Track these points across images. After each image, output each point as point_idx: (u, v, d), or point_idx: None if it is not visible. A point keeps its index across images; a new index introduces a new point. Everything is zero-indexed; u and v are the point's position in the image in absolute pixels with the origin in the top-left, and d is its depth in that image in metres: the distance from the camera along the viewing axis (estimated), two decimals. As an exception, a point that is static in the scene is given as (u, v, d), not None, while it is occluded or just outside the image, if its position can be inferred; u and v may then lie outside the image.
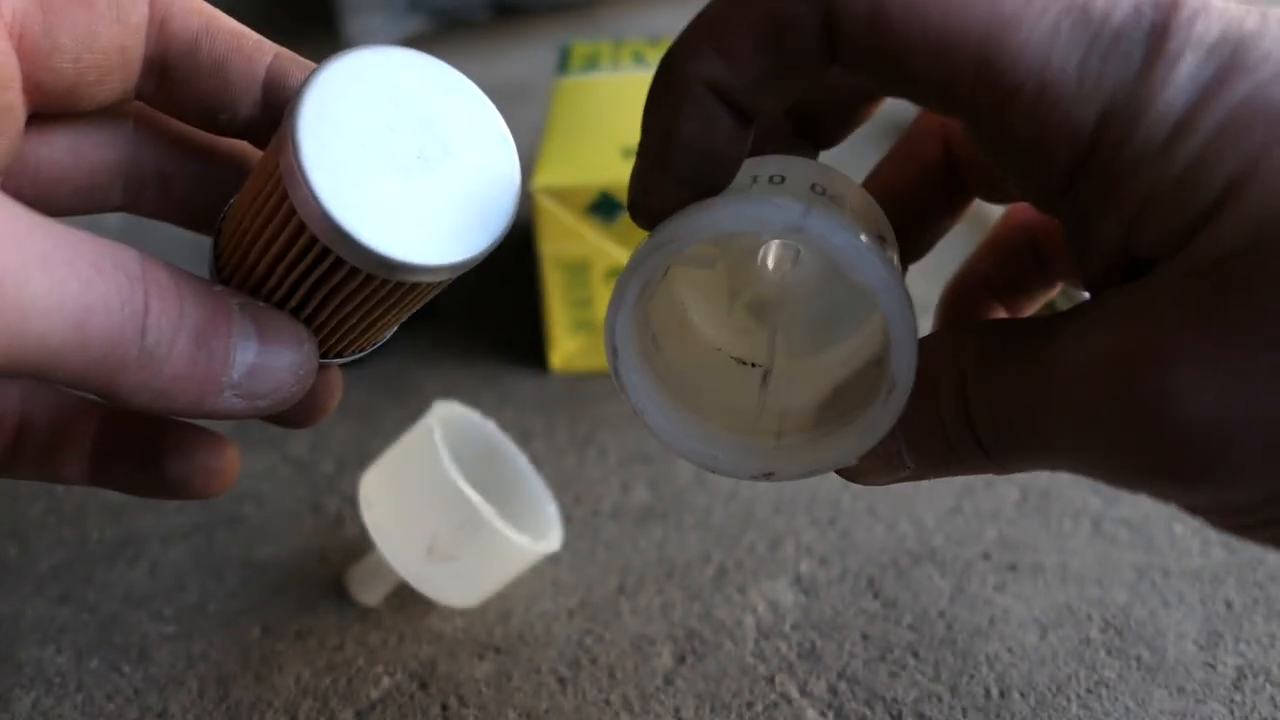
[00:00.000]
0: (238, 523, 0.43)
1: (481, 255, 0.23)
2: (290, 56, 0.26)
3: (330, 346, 0.26)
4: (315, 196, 0.21)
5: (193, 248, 0.36)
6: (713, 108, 0.21)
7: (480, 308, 0.57)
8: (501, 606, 0.39)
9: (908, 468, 0.23)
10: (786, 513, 0.43)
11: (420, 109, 0.23)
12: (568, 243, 0.48)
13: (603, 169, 0.48)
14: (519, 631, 0.38)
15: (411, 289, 0.23)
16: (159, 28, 0.24)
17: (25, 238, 0.19)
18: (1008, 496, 0.43)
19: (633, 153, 0.23)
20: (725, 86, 0.21)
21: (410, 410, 0.48)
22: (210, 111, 0.25)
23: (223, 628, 0.39)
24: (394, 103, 0.23)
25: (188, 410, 0.22)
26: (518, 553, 0.37)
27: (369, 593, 0.39)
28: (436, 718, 0.35)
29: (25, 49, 0.23)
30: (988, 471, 0.23)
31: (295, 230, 0.22)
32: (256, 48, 0.25)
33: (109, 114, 0.26)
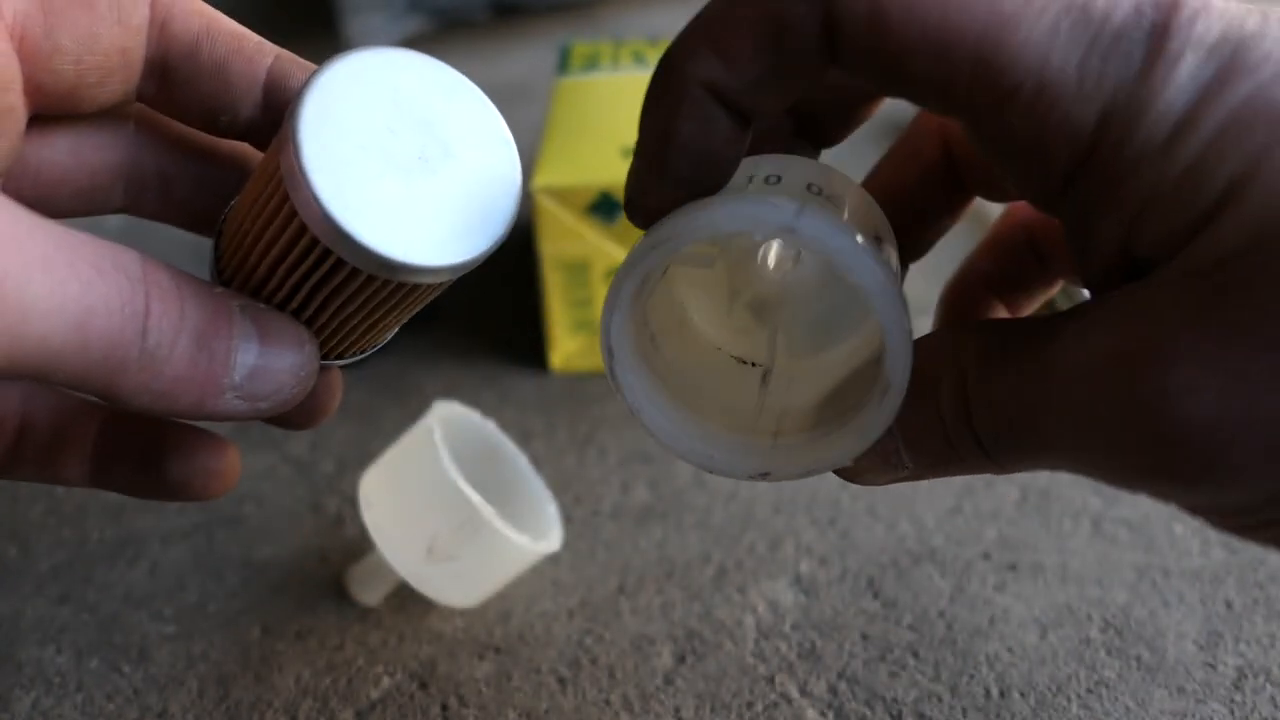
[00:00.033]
0: (238, 523, 0.43)
1: (482, 257, 0.23)
2: (291, 58, 0.26)
3: (331, 348, 0.26)
4: (316, 198, 0.21)
5: (193, 249, 0.36)
6: (710, 109, 0.21)
7: (480, 308, 0.57)
8: (501, 606, 0.39)
9: (906, 467, 0.23)
10: (786, 513, 0.43)
11: (421, 110, 0.23)
12: (568, 243, 0.48)
13: (603, 169, 0.48)
14: (519, 631, 0.38)
15: (412, 290, 0.23)
16: (160, 29, 0.24)
17: (26, 239, 0.19)
18: (1008, 496, 0.43)
19: (632, 152, 0.23)
20: (723, 88, 0.21)
21: (410, 410, 0.48)
22: (211, 113, 0.26)
23: (223, 628, 0.39)
24: (395, 104, 0.23)
25: (189, 412, 0.22)
26: (518, 553, 0.37)
27: (369, 593, 0.39)
28: (436, 718, 0.35)
29: (26, 51, 0.22)
30: (987, 471, 0.23)
31: (296, 231, 0.22)
32: (257, 49, 0.25)
33: (110, 116, 0.26)
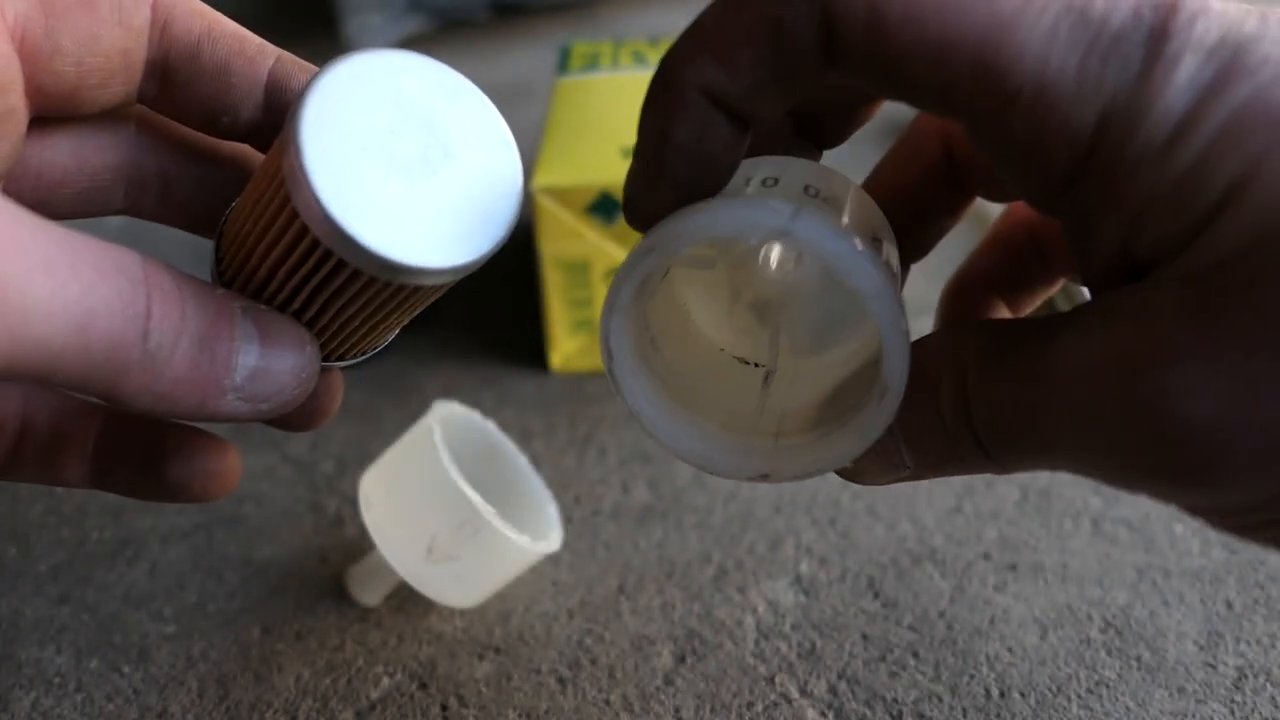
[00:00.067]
0: (238, 523, 0.43)
1: (484, 258, 0.23)
2: (292, 60, 0.26)
3: (332, 350, 0.26)
4: (318, 199, 0.21)
5: (194, 250, 0.36)
6: (709, 113, 0.21)
7: (480, 308, 0.57)
8: (501, 606, 0.39)
9: (907, 467, 0.23)
10: (786, 513, 0.43)
11: (422, 112, 0.23)
12: (568, 243, 0.48)
13: (603, 169, 0.48)
14: (519, 631, 0.38)
15: (413, 292, 0.23)
16: (161, 31, 0.24)
17: (27, 241, 0.19)
18: (1008, 496, 0.43)
19: (632, 153, 0.23)
20: (721, 93, 0.21)
21: (410, 410, 0.48)
22: (212, 115, 0.26)
23: (223, 628, 0.39)
24: (396, 106, 0.23)
25: (190, 413, 0.22)
26: (518, 553, 0.37)
27: (369, 593, 0.39)
28: (436, 718, 0.35)
29: (27, 52, 0.22)
30: (987, 471, 0.23)
31: (298, 233, 0.22)
32: (259, 51, 0.25)
33: (111, 117, 0.26)
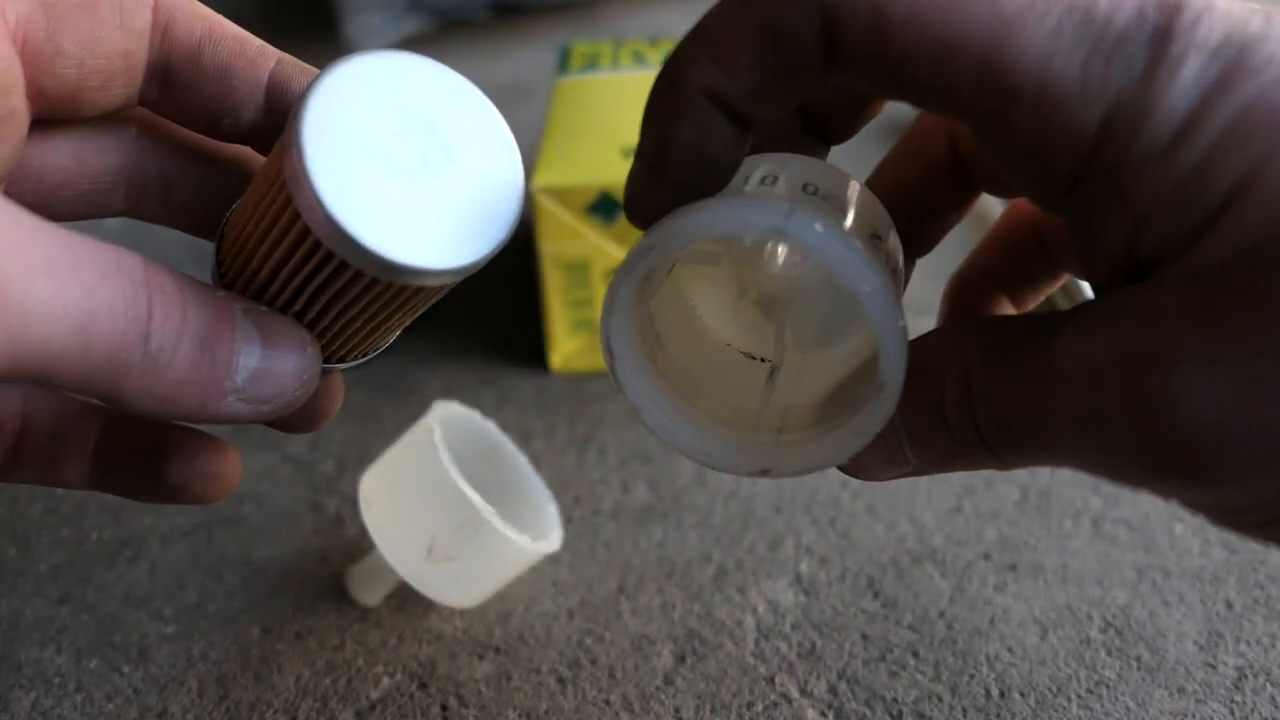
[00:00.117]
0: (237, 522, 0.43)
1: (485, 259, 0.23)
2: (293, 62, 0.26)
3: (333, 351, 0.26)
4: (319, 200, 0.21)
5: (195, 252, 0.36)
6: (710, 115, 0.21)
7: (480, 308, 0.57)
8: (501, 606, 0.39)
9: (909, 463, 0.23)
10: (786, 512, 0.43)
11: (423, 113, 0.23)
12: (568, 242, 0.48)
13: (603, 169, 0.48)
14: (519, 631, 0.38)
15: (415, 293, 0.23)
16: (162, 33, 0.24)
17: (28, 243, 0.19)
18: (1008, 496, 0.43)
19: (633, 152, 0.23)
20: (723, 94, 0.21)
21: (410, 410, 0.48)
22: (213, 117, 0.26)
23: (223, 628, 0.39)
24: (397, 107, 0.23)
25: (191, 415, 0.22)
26: (518, 553, 0.37)
27: (369, 593, 0.39)
28: (436, 718, 0.35)
29: (28, 54, 0.22)
30: (989, 467, 0.23)
31: (299, 235, 0.22)
32: (260, 53, 0.25)
33: (112, 119, 0.26)
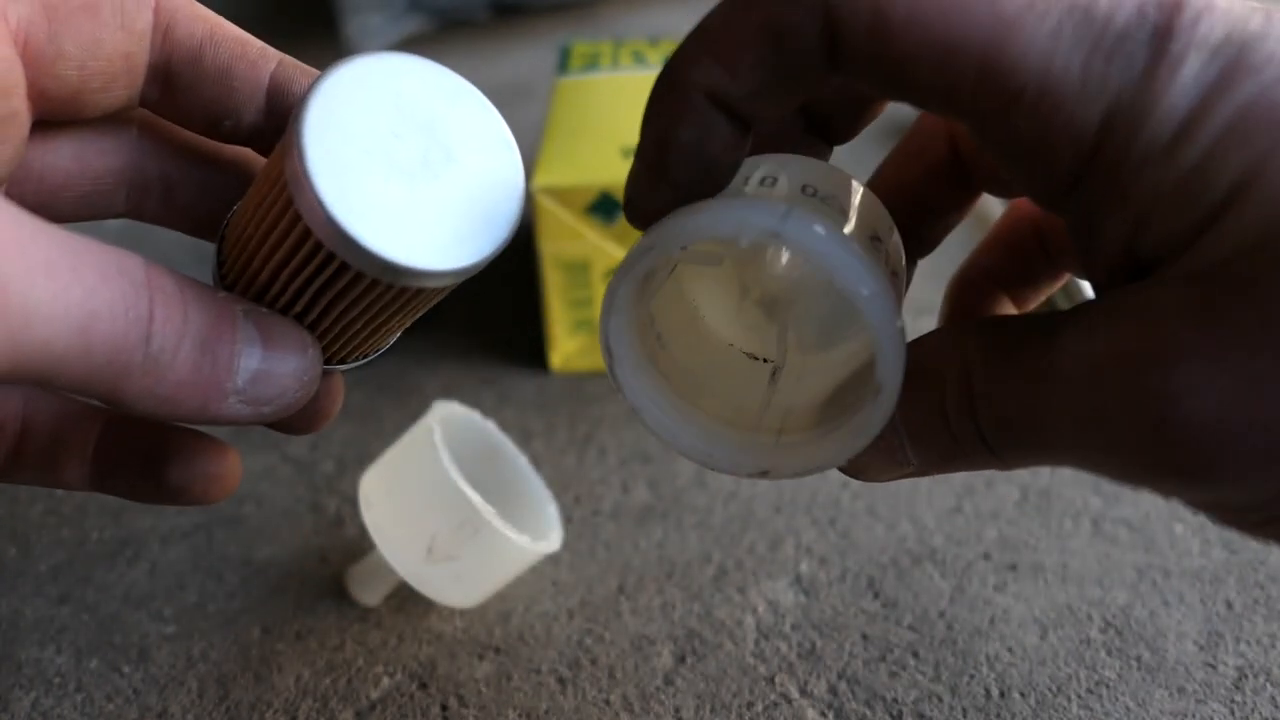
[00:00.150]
0: (238, 523, 0.43)
1: (486, 261, 0.23)
2: (294, 64, 0.26)
3: (334, 352, 0.26)
4: (320, 202, 0.21)
5: (196, 254, 0.36)
6: (711, 116, 0.21)
7: (480, 308, 0.57)
8: (501, 606, 0.39)
9: (911, 463, 0.23)
10: (786, 513, 0.43)
11: (424, 115, 0.23)
12: (568, 242, 0.48)
13: (603, 169, 0.48)
14: (519, 631, 0.38)
15: (416, 294, 0.23)
16: (163, 35, 0.24)
17: (29, 244, 0.19)
18: (1008, 496, 0.43)
19: (633, 152, 0.23)
20: (724, 95, 0.21)
21: (410, 410, 0.48)
22: (214, 118, 0.26)
23: (223, 628, 0.39)
24: (398, 109, 0.23)
25: (192, 416, 0.22)
26: (518, 553, 0.37)
27: (369, 593, 0.39)
28: (436, 718, 0.35)
29: (30, 55, 0.22)
30: (990, 467, 0.23)
31: (300, 236, 0.22)
32: (260, 55, 0.25)
33: (113, 121, 0.26)
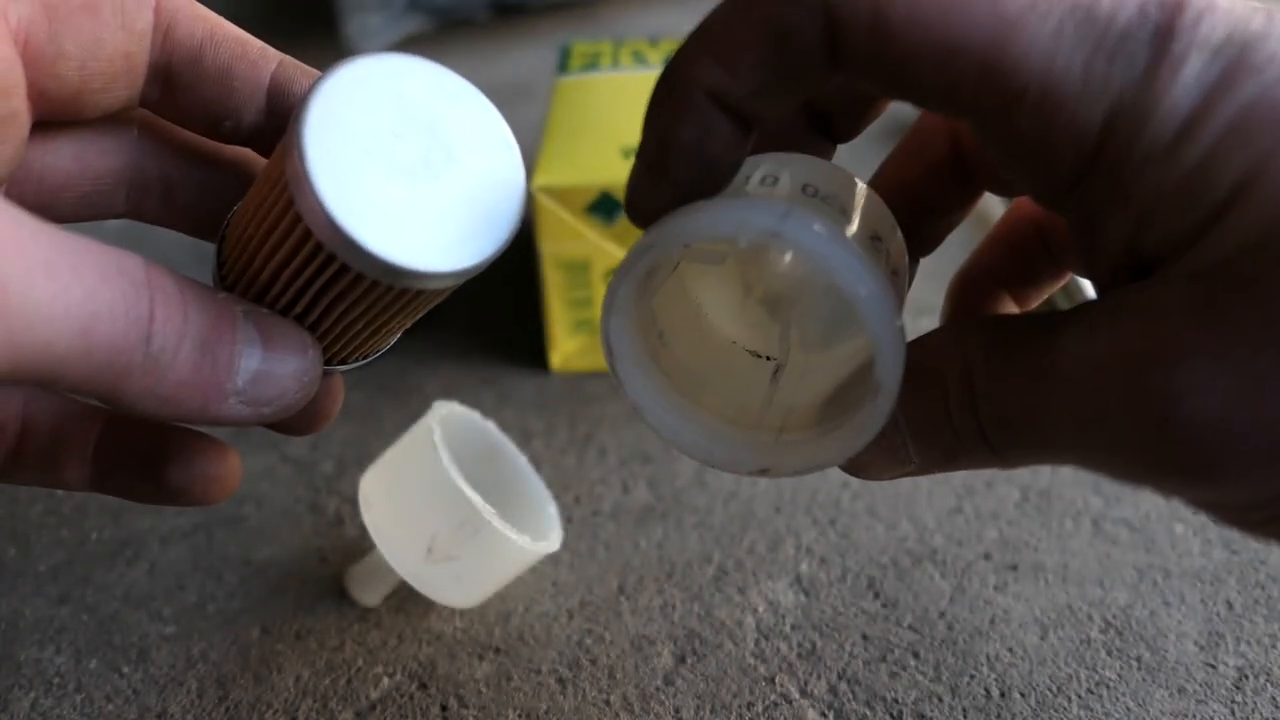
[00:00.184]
0: (237, 523, 0.43)
1: (486, 262, 0.23)
2: (294, 64, 0.26)
3: (334, 353, 0.26)
4: (321, 203, 0.21)
5: (196, 254, 0.36)
6: (712, 115, 0.21)
7: (480, 308, 0.57)
8: (501, 606, 0.39)
9: (912, 462, 0.24)
10: (786, 513, 0.43)
11: (425, 115, 0.23)
12: (568, 242, 0.48)
13: (603, 169, 0.48)
14: (519, 631, 0.38)
15: (416, 295, 0.23)
16: (164, 35, 0.24)
17: (29, 244, 0.19)
18: (1008, 497, 0.43)
19: (633, 152, 0.23)
20: (726, 95, 0.21)
21: (410, 411, 0.48)
22: (214, 119, 0.26)
23: (222, 628, 0.39)
24: (398, 109, 0.23)
25: (192, 417, 0.22)
26: (518, 553, 0.37)
27: (369, 593, 0.39)
28: (436, 718, 0.35)
29: (30, 56, 0.22)
30: (991, 466, 0.23)
31: (300, 237, 0.22)
32: (261, 55, 0.25)
33: (113, 121, 0.26)
